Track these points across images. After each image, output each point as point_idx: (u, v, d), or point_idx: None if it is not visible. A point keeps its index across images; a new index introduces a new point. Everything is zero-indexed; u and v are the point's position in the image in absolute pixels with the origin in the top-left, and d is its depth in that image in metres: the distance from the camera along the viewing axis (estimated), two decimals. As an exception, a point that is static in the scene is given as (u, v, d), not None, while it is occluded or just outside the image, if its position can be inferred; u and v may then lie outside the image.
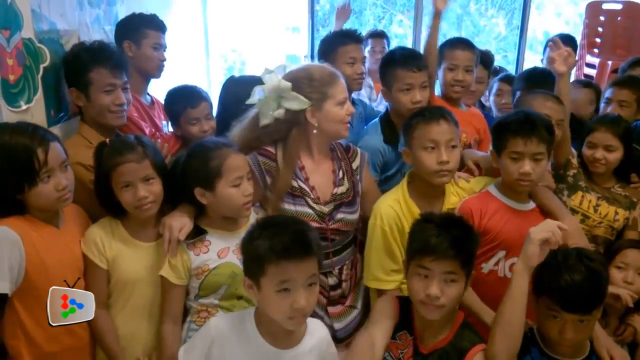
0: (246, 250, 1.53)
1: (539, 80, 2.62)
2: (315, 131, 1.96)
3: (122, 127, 2.27)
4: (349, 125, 2.02)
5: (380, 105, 3.36)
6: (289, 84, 1.92)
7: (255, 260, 1.48)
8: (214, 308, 1.86)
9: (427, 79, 2.37)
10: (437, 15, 2.45)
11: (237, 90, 2.39)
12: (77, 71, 2.12)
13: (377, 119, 2.52)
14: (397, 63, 2.37)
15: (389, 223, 2.01)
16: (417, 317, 1.70)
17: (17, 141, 1.64)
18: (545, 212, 2.05)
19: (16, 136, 1.65)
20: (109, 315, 1.89)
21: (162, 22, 2.77)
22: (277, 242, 1.45)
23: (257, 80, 2.02)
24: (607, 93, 2.81)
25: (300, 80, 1.94)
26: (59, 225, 1.81)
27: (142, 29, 2.67)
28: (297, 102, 1.92)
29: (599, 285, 1.70)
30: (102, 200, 1.86)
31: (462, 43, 2.62)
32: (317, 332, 1.65)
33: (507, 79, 3.27)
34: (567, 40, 3.49)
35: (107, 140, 1.89)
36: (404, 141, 2.09)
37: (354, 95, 3.09)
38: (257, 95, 1.96)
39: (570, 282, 1.64)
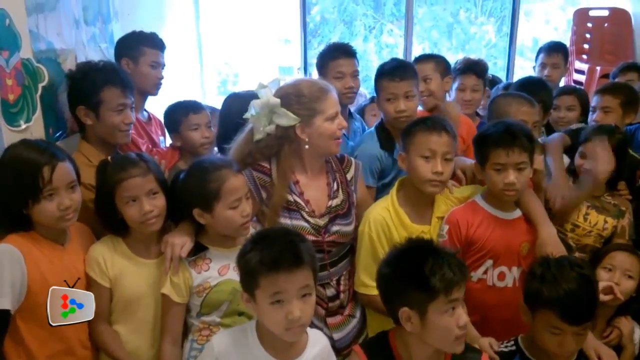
0: (240, 264, 1.55)
1: (533, 89, 2.67)
2: (306, 147, 1.97)
3: (122, 145, 2.30)
4: (340, 140, 2.02)
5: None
6: (277, 101, 1.93)
7: (249, 273, 1.51)
8: (215, 326, 1.86)
9: (413, 89, 2.39)
10: None
11: (237, 105, 2.39)
12: (88, 90, 2.14)
13: (373, 128, 2.56)
14: (383, 74, 2.42)
15: (376, 230, 2.03)
16: (402, 358, 1.65)
17: (27, 156, 1.67)
18: (529, 220, 2.08)
19: (28, 151, 1.68)
20: (111, 328, 1.90)
21: (160, 40, 2.80)
22: (267, 255, 1.47)
23: (256, 96, 2.03)
24: (593, 101, 2.85)
25: (289, 97, 1.95)
26: (65, 244, 1.82)
27: (140, 47, 2.71)
28: (286, 119, 1.93)
29: (594, 291, 1.73)
30: (104, 218, 1.87)
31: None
32: (318, 342, 1.67)
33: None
34: (558, 47, 3.54)
35: (109, 157, 1.91)
36: (402, 146, 2.11)
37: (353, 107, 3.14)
38: (251, 110, 1.98)
39: (569, 292, 1.66)
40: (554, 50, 3.49)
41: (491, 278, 2.05)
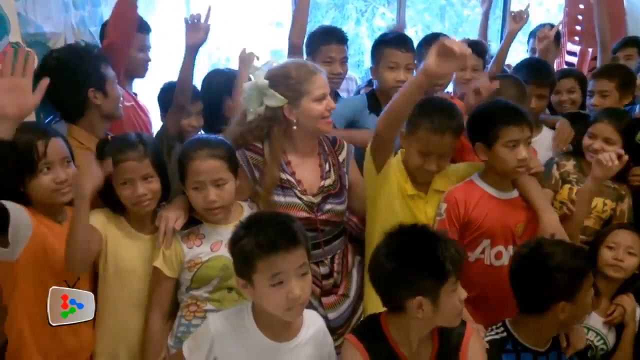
0: (234, 251, 1.56)
1: (535, 70, 2.68)
2: (294, 127, 1.99)
3: (113, 125, 2.31)
4: (330, 120, 2.04)
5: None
6: (266, 82, 1.95)
7: (245, 259, 1.52)
8: (203, 302, 1.89)
9: (412, 62, 2.43)
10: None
11: (218, 80, 2.59)
12: (91, 71, 2.14)
13: (364, 94, 2.61)
14: (387, 42, 2.48)
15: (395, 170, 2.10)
16: (398, 344, 1.65)
17: (21, 135, 1.68)
18: (527, 201, 2.10)
19: (21, 132, 1.68)
20: None
21: (146, 23, 2.79)
22: (263, 238, 1.48)
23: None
24: (589, 85, 2.84)
25: (277, 78, 1.97)
26: (62, 222, 1.85)
27: None
28: (275, 100, 1.95)
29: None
30: (102, 195, 1.89)
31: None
32: (313, 322, 1.69)
33: None
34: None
35: (109, 136, 1.93)
36: (406, 126, 2.07)
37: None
38: (244, 91, 2.00)
39: None
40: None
41: (488, 257, 2.07)
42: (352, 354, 1.62)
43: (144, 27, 2.77)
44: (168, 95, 2.50)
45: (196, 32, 2.30)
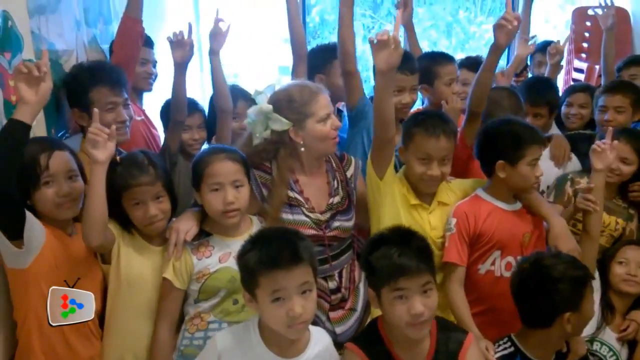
0: (240, 264, 1.59)
1: (540, 89, 2.71)
2: (302, 149, 2.01)
3: (121, 143, 2.31)
4: (336, 139, 2.05)
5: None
6: (270, 107, 1.97)
7: (249, 273, 1.54)
8: (207, 313, 1.90)
9: (417, 82, 2.46)
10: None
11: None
12: (78, 92, 2.17)
13: None
14: None
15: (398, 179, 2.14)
16: (392, 344, 1.68)
17: (26, 148, 1.70)
18: (532, 212, 2.15)
19: (29, 146, 1.72)
20: None
21: (148, 37, 2.81)
22: (265, 253, 1.50)
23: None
24: (600, 101, 2.81)
25: (280, 102, 1.99)
26: (72, 235, 1.86)
27: None
28: (280, 124, 1.97)
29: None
30: (112, 214, 1.88)
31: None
32: (320, 340, 1.69)
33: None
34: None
35: (118, 158, 1.93)
36: (402, 140, 2.13)
37: None
38: (249, 117, 2.03)
39: None
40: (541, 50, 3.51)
41: (499, 269, 2.09)
42: None
43: (146, 42, 2.78)
44: (169, 112, 2.53)
45: (181, 48, 2.37)
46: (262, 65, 5.95)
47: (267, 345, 1.59)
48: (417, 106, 2.89)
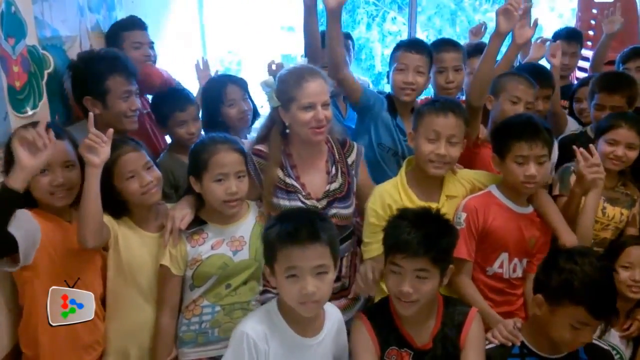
0: (263, 237, 1.67)
1: (537, 73, 2.66)
2: (287, 130, 2.03)
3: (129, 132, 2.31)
4: (321, 130, 1.98)
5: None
6: (271, 79, 2.03)
7: (269, 246, 1.61)
8: (200, 298, 1.94)
9: (425, 66, 2.41)
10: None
11: (212, 88, 2.63)
12: (93, 80, 2.16)
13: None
14: (400, 45, 2.50)
15: (382, 206, 2.03)
16: (401, 320, 1.72)
17: None
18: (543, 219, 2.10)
19: None
20: None
21: (138, 20, 2.77)
22: (284, 229, 1.56)
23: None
24: (597, 98, 2.67)
25: (278, 80, 2.02)
26: (71, 221, 1.87)
27: (120, 34, 2.70)
28: (272, 101, 2.02)
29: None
30: (106, 205, 1.87)
31: (447, 44, 2.68)
32: (332, 314, 1.75)
33: None
34: (573, 34, 3.54)
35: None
36: (413, 124, 2.10)
37: None
38: (261, 86, 2.08)
39: (599, 287, 1.64)
40: (568, 38, 3.47)
41: (507, 271, 2.06)
42: (360, 330, 1.74)
43: (135, 24, 2.74)
44: (161, 112, 2.51)
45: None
46: (265, 53, 5.94)
47: (290, 326, 1.63)
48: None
